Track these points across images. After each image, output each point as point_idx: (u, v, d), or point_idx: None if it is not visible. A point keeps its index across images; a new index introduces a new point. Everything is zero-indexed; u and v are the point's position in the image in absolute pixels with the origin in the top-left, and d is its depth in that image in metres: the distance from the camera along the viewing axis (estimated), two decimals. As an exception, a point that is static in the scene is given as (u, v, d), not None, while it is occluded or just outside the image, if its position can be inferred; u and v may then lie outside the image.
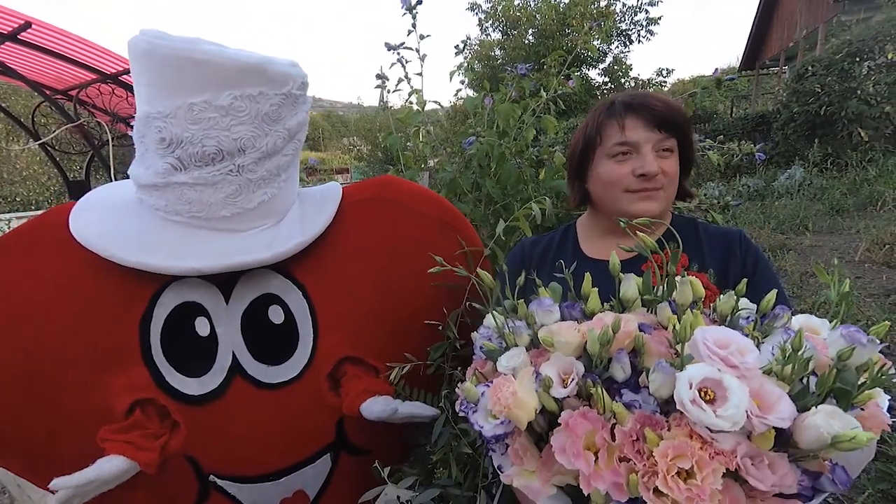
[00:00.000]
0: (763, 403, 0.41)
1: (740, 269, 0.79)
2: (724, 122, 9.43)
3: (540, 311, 0.58)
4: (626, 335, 0.50)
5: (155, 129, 0.72)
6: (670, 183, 0.82)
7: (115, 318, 0.78)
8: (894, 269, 3.31)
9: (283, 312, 0.84)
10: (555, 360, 0.52)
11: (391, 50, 1.51)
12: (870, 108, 6.25)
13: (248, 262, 0.78)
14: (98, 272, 0.76)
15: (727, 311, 0.53)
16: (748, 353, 0.42)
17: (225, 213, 0.77)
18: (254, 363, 0.82)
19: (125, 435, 0.74)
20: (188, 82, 0.70)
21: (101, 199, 0.84)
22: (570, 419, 0.48)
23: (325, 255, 0.87)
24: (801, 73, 7.28)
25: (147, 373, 0.78)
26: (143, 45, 0.70)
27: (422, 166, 1.60)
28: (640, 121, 0.80)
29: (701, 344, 0.43)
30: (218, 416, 0.80)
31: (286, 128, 0.78)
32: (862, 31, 6.81)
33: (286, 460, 0.84)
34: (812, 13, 9.67)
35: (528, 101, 1.46)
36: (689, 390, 0.40)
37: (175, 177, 0.74)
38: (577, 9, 12.40)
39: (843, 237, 4.21)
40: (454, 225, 0.96)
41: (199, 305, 0.80)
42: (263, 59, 0.73)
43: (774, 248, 4.08)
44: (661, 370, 0.45)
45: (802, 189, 5.69)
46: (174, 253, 0.75)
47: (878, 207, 4.67)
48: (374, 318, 0.89)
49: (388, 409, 0.78)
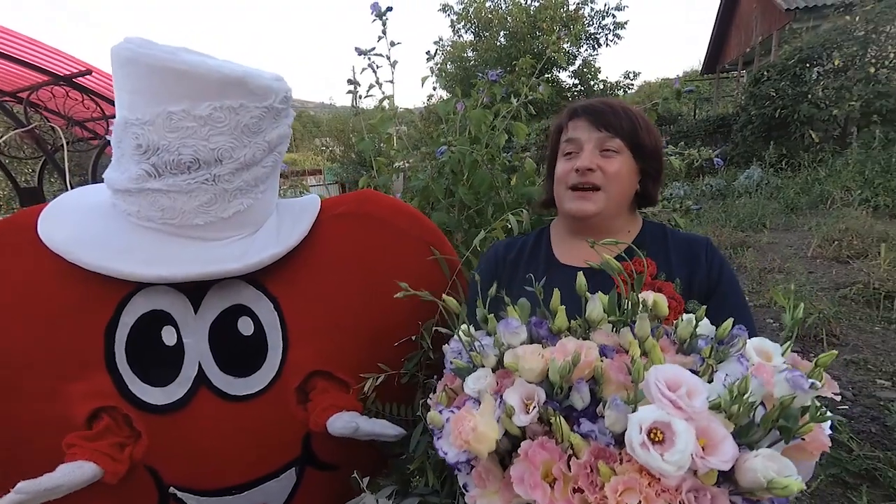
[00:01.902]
0: (709, 442, 0.43)
1: (705, 278, 0.81)
2: (687, 123, 9.83)
3: (507, 332, 0.59)
4: (587, 365, 0.52)
5: (132, 135, 0.72)
6: (611, 182, 0.83)
7: (80, 324, 0.76)
8: (843, 264, 3.53)
9: (253, 324, 0.83)
10: (518, 385, 0.53)
11: (362, 55, 1.50)
12: (819, 112, 6.64)
13: (218, 271, 0.77)
14: (65, 277, 0.75)
15: (686, 335, 0.55)
16: (696, 397, 0.44)
17: (198, 222, 0.76)
18: (220, 374, 0.81)
19: (94, 443, 0.72)
20: (168, 91, 0.70)
21: (73, 202, 0.83)
22: (530, 449, 0.49)
23: (300, 268, 0.87)
24: (758, 78, 7.67)
25: (110, 380, 0.76)
26: (125, 53, 0.70)
27: (396, 167, 1.60)
28: (584, 121, 0.86)
29: (653, 385, 0.45)
30: (181, 426, 0.79)
31: (266, 140, 0.78)
32: (811, 39, 7.23)
33: (250, 474, 0.83)
34: (766, 20, 10.19)
35: (500, 107, 1.48)
36: (639, 434, 0.43)
37: (149, 183, 0.73)
38: (547, 12, 12.62)
39: (798, 234, 4.46)
40: (432, 242, 0.96)
41: (166, 314, 0.79)
42: (246, 72, 0.73)
43: (735, 245, 4.28)
44: (615, 408, 0.47)
45: (760, 188, 5.99)
46: (143, 259, 0.74)
47: (828, 205, 4.97)
48: (348, 332, 0.89)
49: (349, 425, 0.78)
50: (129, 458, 0.74)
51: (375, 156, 1.54)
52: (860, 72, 6.41)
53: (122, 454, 0.74)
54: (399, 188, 1.65)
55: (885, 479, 1.48)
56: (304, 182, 5.48)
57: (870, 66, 6.39)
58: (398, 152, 1.60)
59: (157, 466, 0.79)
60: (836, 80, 6.57)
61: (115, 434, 0.75)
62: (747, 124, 7.59)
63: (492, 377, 0.58)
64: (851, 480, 1.51)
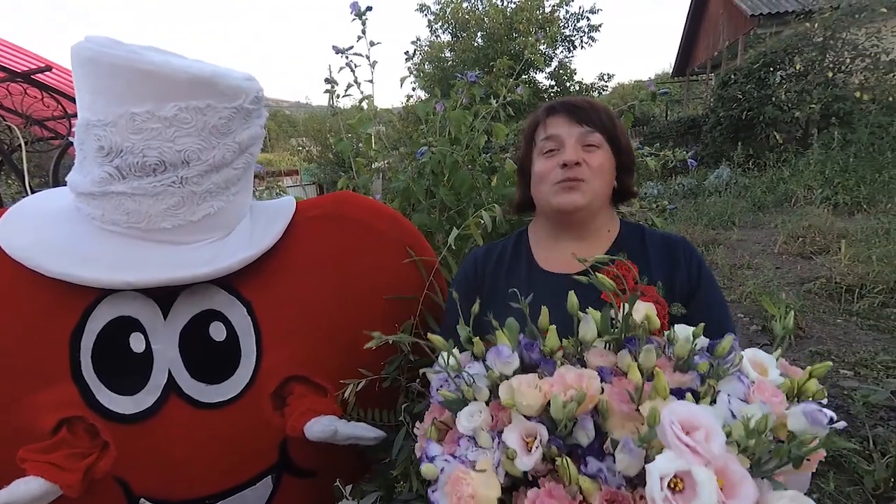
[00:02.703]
0: (726, 483, 0.42)
1: (685, 280, 0.81)
2: (660, 124, 10.13)
3: (499, 362, 0.56)
4: (590, 400, 0.49)
5: (94, 136, 0.69)
6: (595, 176, 0.83)
7: (44, 333, 0.73)
8: (807, 260, 3.69)
9: (226, 329, 0.81)
10: (517, 421, 0.51)
11: (339, 53, 1.47)
12: (783, 114, 6.94)
13: (186, 276, 0.74)
14: (27, 284, 0.71)
15: (684, 353, 0.53)
16: (714, 439, 0.43)
17: (166, 225, 0.73)
18: (191, 382, 0.79)
19: (47, 455, 0.69)
20: (131, 92, 0.67)
21: (35, 206, 0.79)
22: (537, 499, 0.47)
23: (275, 272, 0.84)
24: (725, 81, 7.95)
25: (76, 390, 0.73)
26: (86, 53, 0.67)
27: (375, 168, 1.59)
28: (562, 118, 0.85)
29: (669, 430, 0.43)
30: (151, 436, 0.76)
31: (236, 141, 0.75)
32: (774, 44, 7.55)
33: (224, 483, 0.81)
34: (733, 25, 10.58)
35: (479, 108, 1.48)
36: (661, 490, 0.41)
37: (113, 186, 0.70)
38: (523, 13, 12.77)
39: (765, 231, 4.64)
40: (411, 244, 0.95)
41: (134, 320, 0.76)
42: (213, 72, 0.70)
43: (707, 242, 4.42)
44: (628, 452, 0.45)
45: (729, 187, 6.21)
46: (108, 265, 0.71)
47: (792, 204, 5.20)
48: (325, 336, 0.87)
49: (328, 429, 0.76)
50: (84, 468, 0.71)
51: (354, 156, 1.52)
52: (819, 76, 6.73)
53: (77, 463, 0.71)
54: (378, 189, 1.63)
55: (850, 465, 1.55)
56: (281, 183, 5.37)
57: (828, 71, 6.72)
58: (377, 153, 1.59)
59: (127, 477, 0.76)
60: (797, 84, 6.88)
61: (71, 445, 0.72)
62: (716, 126, 7.87)
63: (486, 412, 0.55)
64: (819, 467, 1.58)
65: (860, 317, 2.66)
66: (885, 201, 4.49)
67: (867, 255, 3.27)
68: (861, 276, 3.01)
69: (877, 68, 6.51)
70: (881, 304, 2.75)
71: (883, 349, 2.28)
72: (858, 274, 3.04)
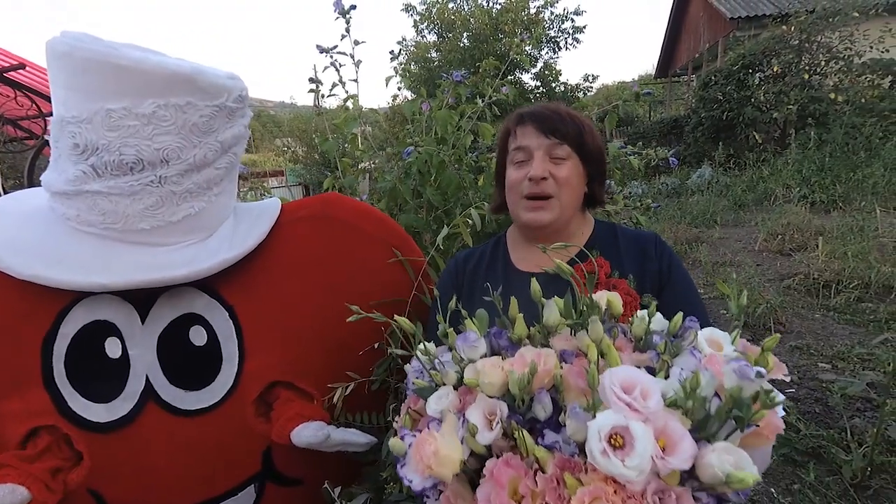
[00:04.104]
0: (668, 442, 0.44)
1: (656, 273, 0.84)
2: (643, 125, 10.28)
3: (465, 346, 0.58)
4: (546, 373, 0.51)
5: (69, 133, 0.67)
6: (563, 189, 0.84)
7: (14, 338, 0.70)
8: (786, 257, 3.78)
9: (206, 334, 0.79)
10: (480, 401, 0.52)
11: (324, 53, 1.46)
12: (761, 114, 7.11)
13: (163, 278, 0.72)
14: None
15: (640, 332, 0.56)
16: (651, 397, 0.45)
17: (144, 226, 0.71)
18: (169, 388, 0.77)
19: (31, 465, 0.67)
20: (107, 88, 0.65)
21: (7, 206, 0.77)
22: (495, 468, 0.48)
23: (258, 275, 0.83)
24: (706, 82, 8.11)
25: (47, 397, 0.71)
26: (61, 48, 0.65)
27: (361, 168, 1.57)
28: (531, 128, 0.86)
29: (608, 388, 0.45)
30: (127, 445, 0.74)
31: (219, 140, 0.74)
32: (753, 46, 7.72)
33: (204, 492, 0.79)
34: (712, 28, 10.80)
35: (465, 107, 1.48)
36: (599, 442, 0.42)
37: (87, 185, 0.68)
38: (508, 14, 12.83)
39: (746, 229, 4.74)
40: (397, 245, 0.95)
41: (110, 325, 0.74)
42: (194, 69, 0.69)
43: (690, 240, 4.50)
44: (574, 416, 0.47)
45: (711, 187, 6.33)
46: (81, 266, 0.69)
47: (772, 202, 5.32)
48: (311, 340, 0.86)
49: (318, 435, 0.75)
50: (62, 489, 0.68)
51: (340, 156, 1.50)
52: (796, 78, 6.91)
53: (56, 483, 0.68)
54: (365, 189, 1.62)
55: (829, 455, 1.59)
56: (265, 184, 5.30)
57: (804, 73, 6.90)
58: (363, 153, 1.57)
59: (101, 489, 0.74)
60: (775, 85, 7.05)
61: (54, 456, 0.69)
62: (698, 126, 8.02)
63: (454, 395, 0.56)
64: (800, 458, 1.62)
65: (837, 311, 2.74)
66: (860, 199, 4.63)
67: (843, 252, 3.36)
68: (837, 271, 3.10)
69: (850, 70, 6.72)
70: (857, 298, 2.83)
71: (859, 342, 2.35)
72: (835, 270, 3.12)
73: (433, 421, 0.56)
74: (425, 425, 0.58)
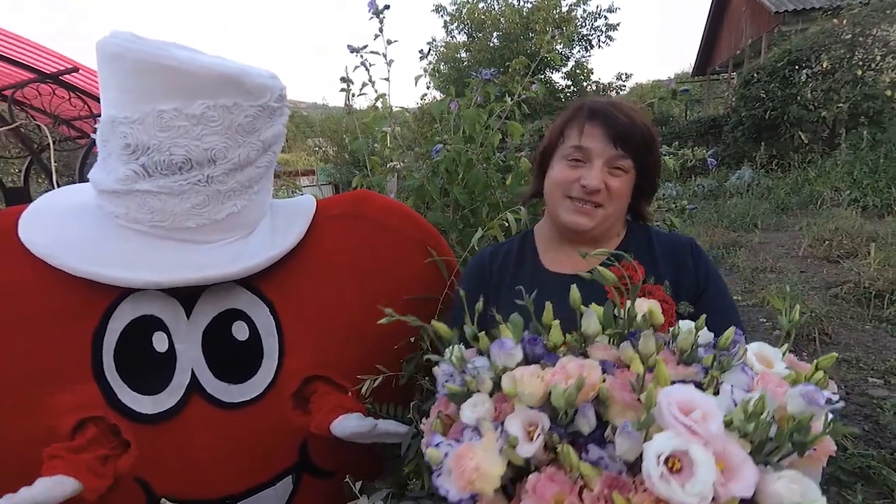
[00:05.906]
0: (726, 466, 0.41)
1: (693, 281, 0.80)
2: (679, 125, 9.92)
3: (501, 353, 0.56)
4: (591, 388, 0.49)
5: (120, 134, 0.69)
6: (613, 201, 0.80)
7: (65, 332, 0.73)
8: (833, 264, 3.56)
9: (248, 329, 0.81)
10: (519, 411, 0.51)
11: (354, 52, 1.48)
12: (808, 113, 6.72)
13: (213, 276, 0.74)
14: (48, 282, 0.71)
15: (687, 346, 0.53)
16: (712, 420, 0.42)
17: (190, 224, 0.73)
18: (214, 381, 0.79)
19: (78, 456, 0.69)
20: (158, 89, 0.67)
21: (55, 203, 0.79)
22: (538, 483, 0.47)
23: (296, 271, 0.85)
24: (748, 80, 7.75)
25: (97, 390, 0.73)
26: (112, 49, 0.67)
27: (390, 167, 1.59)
28: (599, 130, 0.79)
29: (666, 410, 0.43)
30: (173, 436, 0.76)
31: (261, 139, 0.75)
32: (800, 42, 7.32)
33: (245, 483, 0.81)
34: (756, 23, 10.31)
35: (494, 106, 1.47)
36: (658, 466, 0.40)
37: (138, 184, 0.70)
38: (539, 13, 12.67)
39: (789, 234, 4.50)
40: (428, 242, 0.95)
41: (157, 319, 0.76)
42: (241, 70, 0.71)
43: (728, 245, 4.31)
44: (626, 435, 0.45)
45: (751, 189, 6.05)
46: (130, 264, 0.71)
47: (818, 206, 5.03)
48: (345, 335, 0.87)
49: (363, 425, 0.75)
50: (113, 474, 0.71)
51: (369, 155, 1.52)
52: (847, 74, 6.50)
53: (106, 469, 0.71)
54: (393, 188, 1.63)
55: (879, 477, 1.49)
56: (297, 182, 5.44)
57: (857, 69, 6.48)
58: (392, 151, 1.59)
59: (148, 478, 0.76)
60: (824, 83, 6.66)
61: (102, 445, 0.72)
62: (738, 125, 7.67)
63: (489, 403, 0.55)
64: (846, 479, 1.52)
65: (890, 323, 2.56)
66: (918, 204, 4.31)
67: (898, 260, 3.14)
68: (891, 280, 2.89)
69: (909, 66, 6.27)
70: (913, 310, 2.64)
71: (915, 357, 2.19)
72: (889, 279, 2.92)
73: (467, 428, 0.55)
74: (458, 432, 0.56)
